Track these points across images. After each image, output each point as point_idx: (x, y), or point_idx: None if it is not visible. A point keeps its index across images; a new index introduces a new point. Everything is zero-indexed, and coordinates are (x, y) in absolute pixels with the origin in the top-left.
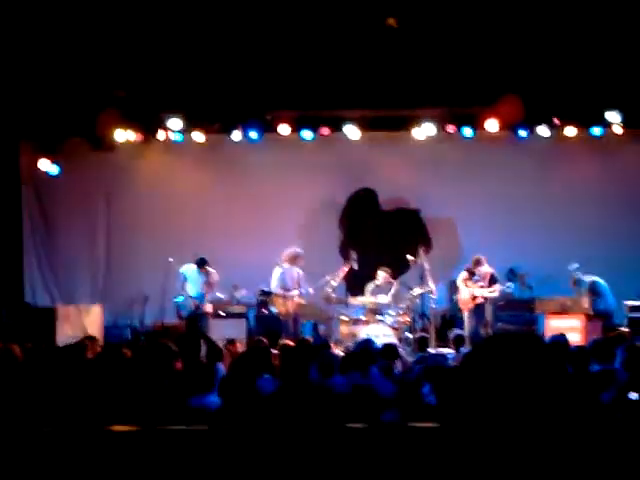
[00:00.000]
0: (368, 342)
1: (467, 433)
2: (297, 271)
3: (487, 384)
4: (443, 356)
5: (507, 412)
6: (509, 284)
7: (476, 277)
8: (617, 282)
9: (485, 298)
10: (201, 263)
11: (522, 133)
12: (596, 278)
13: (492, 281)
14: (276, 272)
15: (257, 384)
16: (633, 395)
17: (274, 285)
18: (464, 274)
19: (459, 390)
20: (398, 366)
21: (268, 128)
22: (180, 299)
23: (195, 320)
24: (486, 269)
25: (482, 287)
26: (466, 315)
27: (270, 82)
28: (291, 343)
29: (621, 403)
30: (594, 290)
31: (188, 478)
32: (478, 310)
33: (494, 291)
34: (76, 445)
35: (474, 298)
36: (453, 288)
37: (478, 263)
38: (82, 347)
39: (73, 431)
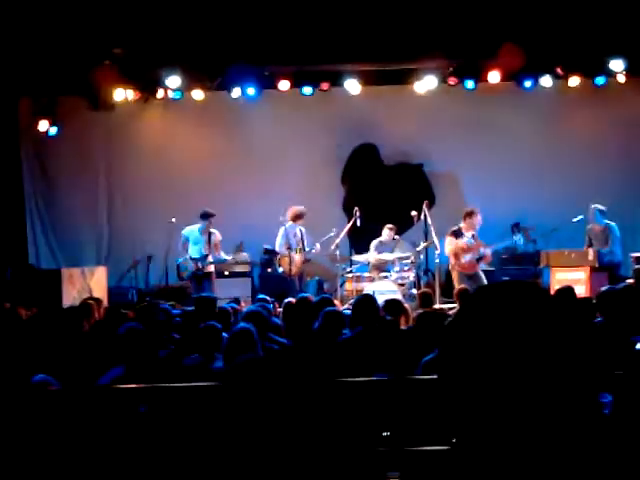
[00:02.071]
0: (368, 297)
1: (464, 385)
2: (299, 229)
3: (485, 332)
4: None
5: (506, 361)
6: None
7: (465, 238)
8: (622, 232)
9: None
10: (205, 216)
11: (527, 84)
12: (610, 222)
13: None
14: (280, 231)
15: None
16: (639, 345)
17: (278, 244)
18: (451, 240)
19: (456, 340)
20: (403, 322)
21: (268, 84)
22: (180, 260)
23: (199, 280)
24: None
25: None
26: (463, 277)
27: (269, 37)
28: (294, 301)
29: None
30: (607, 232)
31: (196, 434)
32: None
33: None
34: (78, 402)
35: (480, 259)
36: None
37: (472, 215)
38: (87, 308)
39: (77, 389)
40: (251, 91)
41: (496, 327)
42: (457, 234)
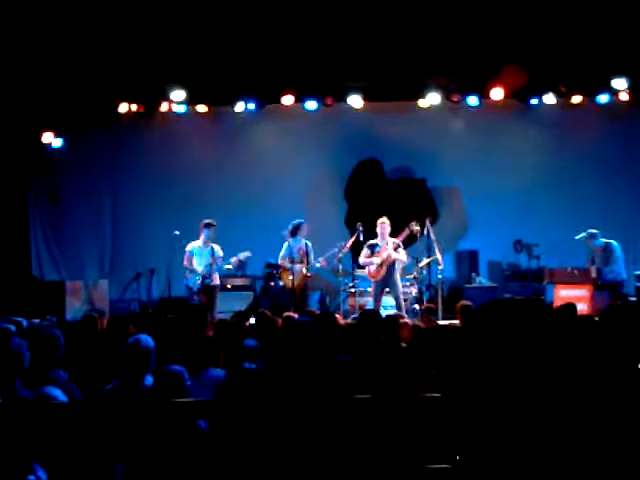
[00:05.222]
0: (372, 312)
1: (468, 400)
2: (305, 242)
3: (487, 349)
4: None
5: (507, 376)
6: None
7: (377, 249)
8: (625, 250)
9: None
10: (207, 226)
11: (533, 101)
12: (611, 240)
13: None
14: (285, 245)
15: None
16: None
17: (281, 257)
18: (365, 252)
19: (458, 357)
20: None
21: (271, 98)
22: (191, 279)
23: (209, 291)
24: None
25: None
26: (375, 285)
27: (274, 53)
28: (294, 315)
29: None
30: (607, 251)
31: (197, 447)
32: (389, 275)
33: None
34: (82, 415)
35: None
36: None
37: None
38: (91, 321)
39: (83, 403)
40: (251, 106)
41: (498, 344)
42: (371, 246)
